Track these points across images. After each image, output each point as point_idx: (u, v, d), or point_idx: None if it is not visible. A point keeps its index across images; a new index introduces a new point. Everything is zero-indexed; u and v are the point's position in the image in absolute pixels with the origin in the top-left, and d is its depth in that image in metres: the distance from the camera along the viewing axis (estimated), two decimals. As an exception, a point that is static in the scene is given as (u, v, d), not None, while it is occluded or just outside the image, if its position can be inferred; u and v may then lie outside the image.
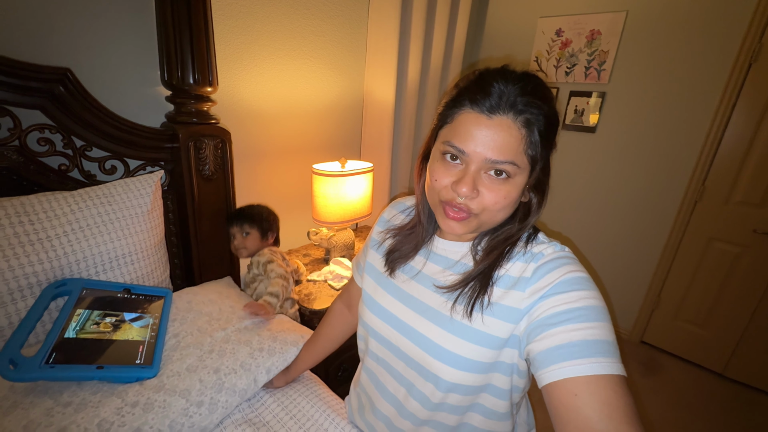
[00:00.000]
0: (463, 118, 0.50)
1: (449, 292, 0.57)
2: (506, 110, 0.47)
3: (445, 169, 0.52)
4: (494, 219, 0.53)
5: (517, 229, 0.56)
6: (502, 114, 0.47)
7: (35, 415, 0.60)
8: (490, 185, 0.50)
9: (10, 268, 0.76)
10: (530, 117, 0.47)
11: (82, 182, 1.00)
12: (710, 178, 1.84)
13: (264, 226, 1.24)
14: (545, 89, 0.50)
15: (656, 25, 1.83)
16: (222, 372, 0.76)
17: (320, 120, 1.67)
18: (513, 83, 0.47)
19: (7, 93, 0.85)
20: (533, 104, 0.47)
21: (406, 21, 1.75)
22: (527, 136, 0.48)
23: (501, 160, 0.48)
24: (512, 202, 0.51)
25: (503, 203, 0.50)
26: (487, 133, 0.48)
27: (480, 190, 0.50)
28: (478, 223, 0.53)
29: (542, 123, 0.48)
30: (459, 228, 0.53)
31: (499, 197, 0.50)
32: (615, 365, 0.43)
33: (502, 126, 0.47)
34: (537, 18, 2.17)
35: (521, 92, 0.47)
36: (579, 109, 2.13)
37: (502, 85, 0.47)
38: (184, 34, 1.00)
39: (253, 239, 1.22)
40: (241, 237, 1.21)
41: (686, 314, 2.04)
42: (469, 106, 0.49)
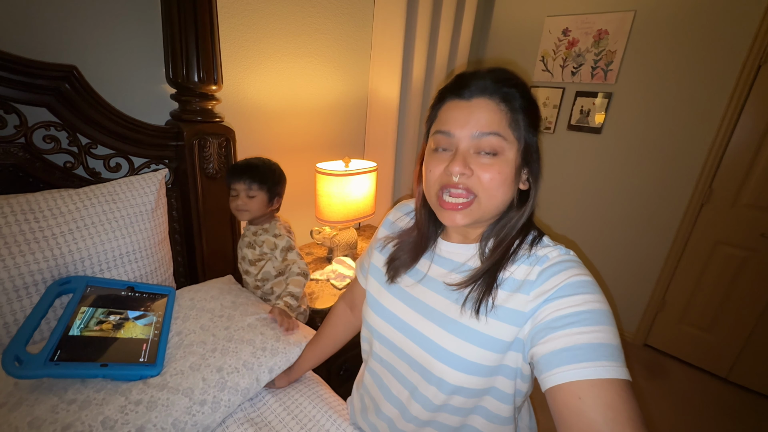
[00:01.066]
0: (446, 107, 0.55)
1: (460, 290, 0.57)
2: (482, 93, 0.52)
3: (437, 159, 0.55)
4: (494, 201, 0.54)
5: (519, 215, 0.57)
6: (479, 96, 0.52)
7: (40, 411, 0.61)
8: (481, 163, 0.52)
9: (15, 265, 0.76)
10: (506, 92, 0.52)
11: (87, 180, 1.00)
12: (717, 181, 1.82)
13: (274, 189, 1.09)
14: (515, 75, 0.54)
15: (664, 26, 1.81)
16: (225, 371, 0.77)
17: (324, 118, 1.66)
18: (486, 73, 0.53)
19: (13, 90, 0.85)
20: (506, 83, 0.52)
21: (412, 19, 1.74)
22: (508, 111, 0.52)
23: (485, 131, 0.51)
24: (506, 179, 0.53)
25: (498, 179, 0.52)
26: (468, 113, 0.52)
27: (473, 169, 0.52)
28: (479, 209, 0.54)
29: (521, 99, 0.52)
30: (460, 218, 0.54)
31: (492, 173, 0.52)
32: (620, 369, 0.43)
33: (481, 105, 0.52)
34: (544, 17, 2.15)
35: (494, 78, 0.52)
36: (585, 109, 2.11)
37: (476, 77, 0.53)
38: (190, 32, 1.00)
39: (259, 202, 1.06)
40: (246, 197, 1.04)
41: (691, 318, 2.02)
42: (449, 97, 0.55)
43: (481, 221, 0.57)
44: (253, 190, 1.04)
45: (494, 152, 0.52)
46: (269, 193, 1.07)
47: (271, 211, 1.12)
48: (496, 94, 0.51)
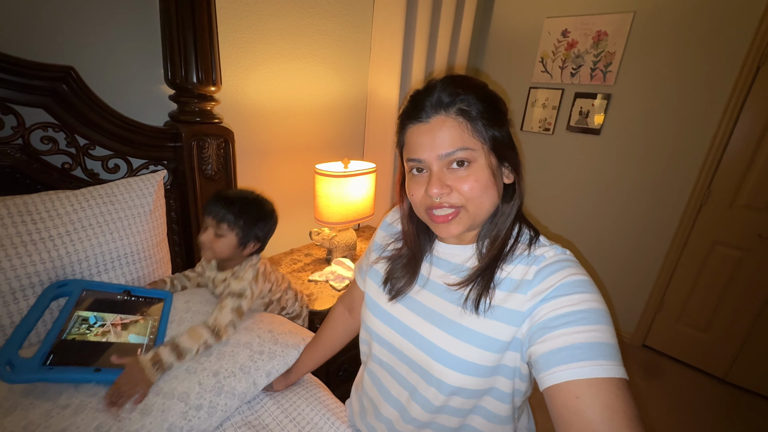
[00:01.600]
0: (410, 133, 0.56)
1: (460, 289, 0.58)
2: (437, 110, 0.52)
3: (416, 183, 0.57)
4: (482, 207, 0.55)
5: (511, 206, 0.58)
6: (435, 115, 0.53)
7: (34, 416, 0.60)
8: (456, 176, 0.53)
9: (12, 267, 0.76)
10: (460, 105, 0.52)
11: (85, 181, 1.00)
12: (716, 182, 1.82)
13: (249, 231, 0.90)
14: (467, 80, 0.54)
15: (664, 27, 1.81)
16: (221, 375, 0.76)
17: (323, 119, 1.66)
18: (436, 87, 0.53)
19: (10, 91, 0.84)
20: (458, 94, 0.52)
21: (411, 20, 1.74)
22: (466, 121, 0.52)
23: (451, 150, 0.52)
24: (486, 183, 0.53)
25: (477, 187, 0.53)
26: (430, 135, 0.53)
27: (450, 185, 0.53)
28: (469, 217, 0.55)
29: (477, 105, 0.52)
30: (453, 228, 0.55)
31: (470, 182, 0.52)
32: (617, 368, 0.43)
33: (439, 123, 0.52)
34: (543, 18, 2.15)
35: (443, 90, 0.52)
36: (584, 110, 2.11)
37: (428, 94, 0.53)
38: (188, 32, 1.00)
39: (225, 245, 0.89)
40: (213, 234, 0.88)
41: (689, 318, 2.02)
42: (409, 122, 0.55)
43: (475, 225, 0.58)
44: (221, 229, 0.88)
45: (466, 163, 0.53)
46: (242, 235, 0.89)
47: (244, 255, 0.95)
48: (450, 108, 0.52)
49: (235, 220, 0.88)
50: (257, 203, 0.94)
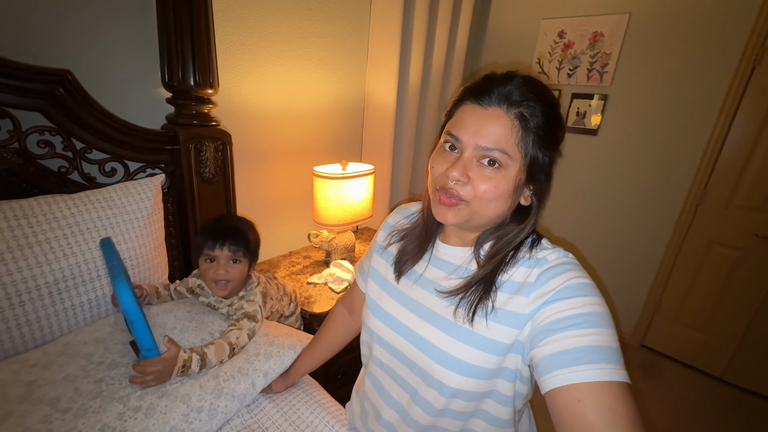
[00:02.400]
0: (462, 110, 0.54)
1: (450, 297, 0.57)
2: (500, 102, 0.50)
3: (442, 157, 0.55)
4: (485, 211, 0.53)
5: (518, 231, 0.56)
6: (496, 106, 0.50)
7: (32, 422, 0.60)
8: (480, 173, 0.51)
9: (8, 272, 0.75)
10: (524, 111, 0.49)
11: (82, 185, 0.99)
12: (712, 182, 1.83)
13: (256, 252, 0.96)
14: (544, 90, 0.52)
15: (659, 28, 1.82)
16: (221, 377, 0.76)
17: (321, 122, 1.66)
18: (512, 81, 0.50)
19: (6, 95, 0.84)
20: (528, 99, 0.49)
21: (408, 22, 1.74)
22: (519, 128, 0.50)
23: (490, 146, 0.50)
24: (503, 193, 0.52)
25: (493, 192, 0.51)
26: (480, 122, 0.51)
27: (471, 177, 0.52)
28: (469, 212, 0.54)
29: (539, 119, 0.50)
30: (450, 216, 0.54)
31: (489, 186, 0.51)
32: (619, 372, 0.43)
33: (495, 116, 0.50)
34: (540, 20, 2.16)
35: (518, 88, 0.50)
36: (581, 111, 2.12)
37: (502, 83, 0.51)
38: (185, 35, 1.00)
39: (242, 270, 0.92)
40: (229, 264, 0.89)
41: (686, 318, 2.03)
42: (469, 100, 0.53)
43: (472, 226, 0.57)
44: (238, 256, 0.89)
45: (496, 165, 0.51)
46: (251, 257, 0.94)
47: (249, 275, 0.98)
48: (513, 108, 0.50)
49: (247, 245, 0.91)
50: (250, 225, 0.97)
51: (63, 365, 0.74)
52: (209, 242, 0.89)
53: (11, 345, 0.78)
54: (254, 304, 0.92)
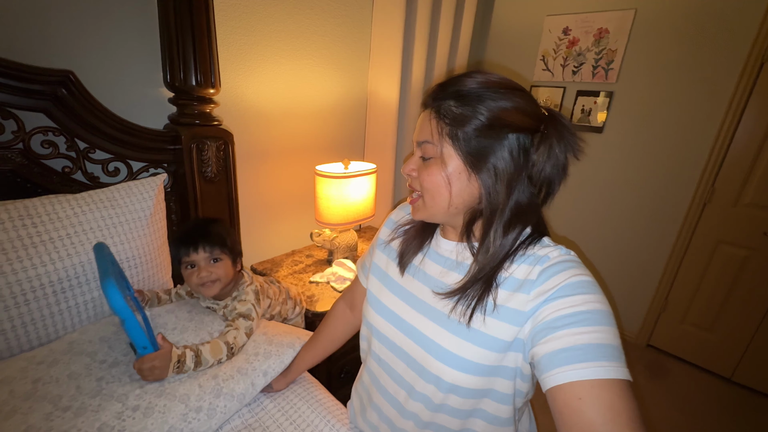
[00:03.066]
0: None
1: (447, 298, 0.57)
2: (427, 103, 0.57)
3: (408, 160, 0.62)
4: (437, 200, 0.56)
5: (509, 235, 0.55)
6: (426, 107, 0.57)
7: (34, 420, 0.61)
8: (421, 167, 0.58)
9: (13, 271, 0.76)
10: (440, 106, 0.54)
11: (85, 184, 1.00)
12: (720, 180, 1.81)
13: (235, 248, 0.94)
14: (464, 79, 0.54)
15: (665, 24, 1.79)
16: (220, 377, 0.76)
17: (323, 120, 1.66)
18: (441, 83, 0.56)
19: (10, 96, 0.85)
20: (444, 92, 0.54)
21: (411, 20, 1.74)
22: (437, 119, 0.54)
23: (420, 140, 0.57)
24: (442, 181, 0.54)
25: (430, 180, 0.56)
26: (419, 122, 0.59)
27: (418, 171, 0.58)
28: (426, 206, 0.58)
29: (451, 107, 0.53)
30: (415, 212, 0.61)
31: (426, 176, 0.56)
32: (620, 369, 0.43)
33: (424, 116, 0.57)
34: (544, 16, 2.14)
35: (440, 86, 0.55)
36: (586, 108, 2.10)
37: (435, 86, 0.56)
38: (187, 35, 1.00)
39: (226, 266, 0.90)
40: (210, 265, 0.88)
41: (694, 318, 2.01)
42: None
43: (438, 217, 0.59)
44: (215, 253, 0.88)
45: (428, 157, 0.56)
46: (232, 253, 0.92)
47: (236, 275, 0.96)
48: (431, 105, 0.56)
49: (222, 240, 0.90)
50: (218, 223, 0.95)
51: (68, 363, 0.75)
52: (182, 249, 0.88)
53: (17, 343, 0.79)
54: (247, 303, 0.92)
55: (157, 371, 0.71)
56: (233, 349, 0.83)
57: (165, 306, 0.94)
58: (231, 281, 0.94)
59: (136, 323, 0.68)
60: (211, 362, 0.78)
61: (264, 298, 1.01)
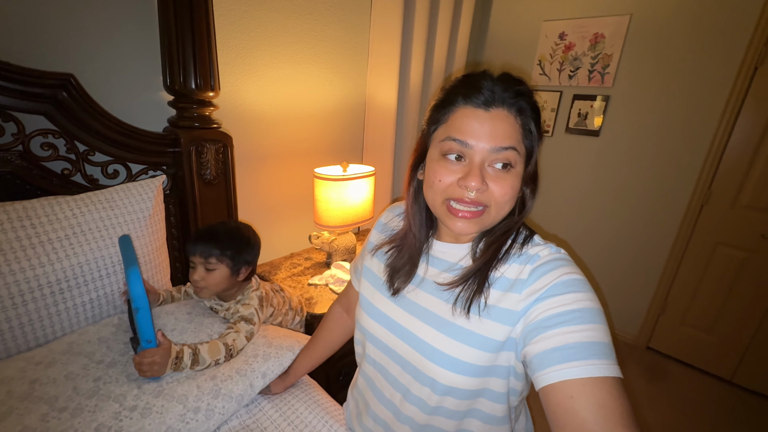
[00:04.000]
0: (460, 114, 0.52)
1: (450, 290, 0.57)
2: (500, 103, 0.51)
3: (447, 168, 0.53)
4: (501, 213, 0.54)
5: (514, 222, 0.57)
6: (497, 107, 0.50)
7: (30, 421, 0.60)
8: (496, 177, 0.51)
9: (11, 272, 0.76)
10: (522, 106, 0.51)
11: (85, 186, 1.01)
12: (717, 182, 1.82)
13: (239, 258, 0.91)
14: (525, 83, 0.54)
15: (661, 29, 1.82)
16: (218, 378, 0.76)
17: (322, 124, 1.67)
18: (499, 80, 0.52)
19: (11, 98, 0.86)
20: (521, 94, 0.51)
21: (409, 25, 1.75)
22: (523, 123, 0.52)
23: (506, 145, 0.50)
24: (516, 193, 0.53)
25: (510, 194, 0.52)
26: (488, 125, 0.50)
27: (488, 183, 0.51)
28: (489, 219, 0.54)
29: (531, 112, 0.52)
30: (470, 226, 0.53)
31: (506, 188, 0.51)
32: (611, 367, 0.43)
33: (500, 116, 0.50)
34: (540, 22, 2.16)
35: (509, 86, 0.51)
36: (582, 112, 2.12)
37: (491, 82, 0.51)
38: (187, 39, 1.01)
39: (219, 276, 0.89)
40: (204, 270, 0.88)
41: (693, 320, 2.00)
42: (463, 103, 0.52)
43: (485, 228, 0.56)
44: (210, 263, 0.88)
45: (509, 166, 0.51)
46: (233, 263, 0.90)
47: (241, 282, 0.96)
48: (513, 105, 0.51)
49: (221, 251, 0.89)
50: (237, 230, 0.96)
51: (66, 363, 0.75)
52: (187, 248, 0.91)
53: (14, 344, 0.79)
54: (250, 307, 0.93)
55: (156, 367, 0.71)
56: (232, 351, 0.83)
57: (164, 307, 0.94)
58: (227, 288, 0.94)
59: (149, 315, 0.69)
60: (208, 362, 0.78)
61: (268, 305, 1.01)
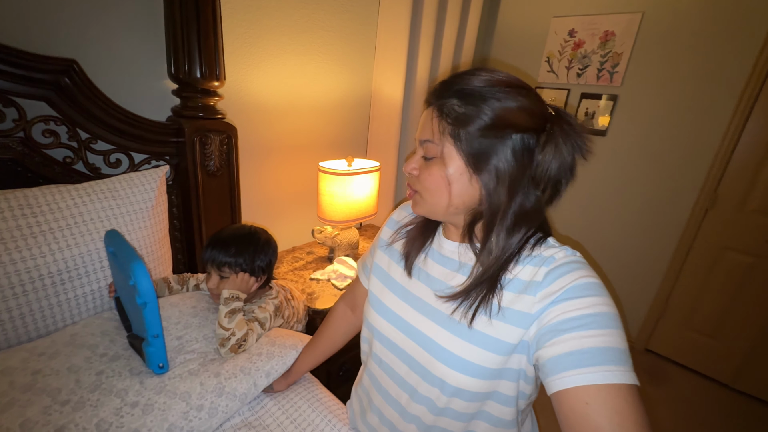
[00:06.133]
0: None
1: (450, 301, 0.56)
2: (433, 100, 0.55)
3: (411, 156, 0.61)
4: (436, 199, 0.56)
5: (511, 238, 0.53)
6: (431, 104, 0.55)
7: (32, 413, 0.59)
8: (422, 167, 0.57)
9: (12, 261, 0.75)
10: (445, 102, 0.52)
11: (86, 175, 0.99)
12: (723, 185, 1.80)
13: (252, 266, 0.91)
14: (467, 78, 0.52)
15: (673, 28, 1.79)
16: (222, 376, 0.75)
17: (327, 117, 1.65)
18: (444, 80, 0.54)
19: (12, 84, 0.84)
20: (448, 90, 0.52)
21: (417, 18, 1.72)
22: (439, 118, 0.53)
23: (422, 139, 0.55)
24: (442, 181, 0.54)
25: (430, 180, 0.55)
26: (422, 120, 0.57)
27: (419, 169, 0.57)
28: (425, 203, 0.58)
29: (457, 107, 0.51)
30: (413, 207, 0.60)
31: (425, 176, 0.56)
32: (628, 374, 0.43)
33: (427, 113, 0.56)
34: (550, 17, 2.13)
35: (443, 85, 0.53)
36: (590, 111, 2.09)
37: (437, 84, 0.55)
38: (192, 27, 0.99)
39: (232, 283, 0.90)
40: (217, 278, 0.89)
41: (695, 323, 2.00)
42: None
43: (437, 215, 0.59)
44: (224, 272, 0.89)
45: (430, 156, 0.55)
46: (248, 271, 0.91)
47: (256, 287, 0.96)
48: (435, 101, 0.54)
49: (234, 261, 0.89)
50: (251, 237, 0.94)
51: (69, 355, 0.74)
52: (202, 255, 0.91)
53: (14, 334, 0.78)
54: (265, 311, 0.93)
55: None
56: (241, 345, 0.83)
57: (169, 298, 0.93)
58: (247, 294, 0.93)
59: (157, 308, 0.68)
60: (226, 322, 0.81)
61: (279, 317, 1.01)
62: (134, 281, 0.64)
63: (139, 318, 0.69)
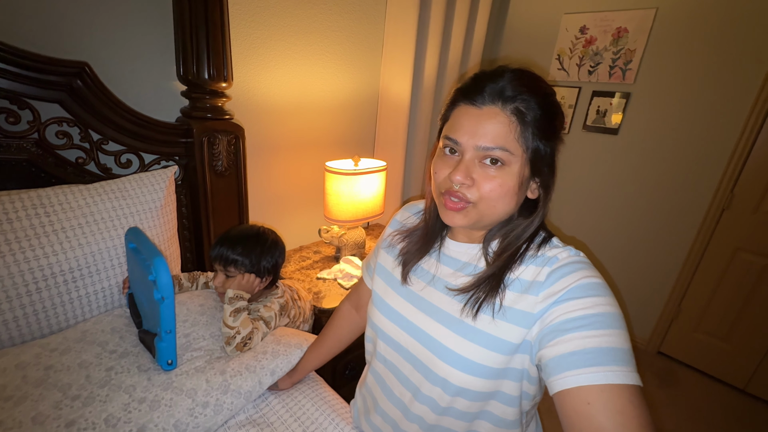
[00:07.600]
0: (457, 113, 0.53)
1: (460, 294, 0.56)
2: (494, 100, 0.49)
3: (443, 162, 0.55)
4: (494, 210, 0.53)
5: (526, 225, 0.55)
6: (490, 104, 0.50)
7: (44, 407, 0.61)
8: (484, 173, 0.51)
9: (25, 259, 0.77)
10: (519, 105, 0.49)
11: (98, 175, 1.01)
12: (740, 186, 1.75)
13: (258, 267, 0.92)
14: (537, 81, 0.51)
15: (687, 24, 1.74)
16: (228, 374, 0.76)
17: (334, 116, 1.65)
18: (503, 77, 0.50)
19: (26, 86, 0.86)
20: (521, 92, 0.49)
21: (425, 16, 1.71)
22: (517, 123, 0.49)
23: (490, 146, 0.49)
24: (509, 191, 0.51)
25: (498, 191, 0.51)
26: (476, 122, 0.50)
27: (475, 179, 0.51)
28: (477, 214, 0.53)
29: (535, 111, 0.49)
30: (458, 219, 0.54)
31: (494, 185, 0.51)
32: (630, 374, 0.42)
33: (490, 114, 0.49)
34: (561, 14, 2.10)
35: (510, 83, 0.49)
36: (601, 109, 2.06)
37: (492, 80, 0.50)
38: (201, 29, 1.00)
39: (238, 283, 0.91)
40: (224, 277, 0.91)
41: (708, 326, 1.96)
42: (462, 101, 0.52)
43: (481, 225, 0.56)
44: (230, 271, 0.90)
45: (499, 164, 0.50)
46: (253, 272, 0.91)
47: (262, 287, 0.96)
48: (508, 103, 0.49)
49: (240, 260, 0.90)
50: (259, 238, 0.95)
51: (80, 351, 0.76)
52: (210, 254, 0.92)
53: (28, 330, 0.80)
54: (270, 310, 0.94)
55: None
56: (247, 343, 0.84)
57: (178, 297, 0.95)
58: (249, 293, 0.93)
59: (173, 304, 0.69)
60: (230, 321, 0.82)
61: (285, 316, 1.02)
62: (155, 276, 0.66)
63: (154, 313, 0.71)
